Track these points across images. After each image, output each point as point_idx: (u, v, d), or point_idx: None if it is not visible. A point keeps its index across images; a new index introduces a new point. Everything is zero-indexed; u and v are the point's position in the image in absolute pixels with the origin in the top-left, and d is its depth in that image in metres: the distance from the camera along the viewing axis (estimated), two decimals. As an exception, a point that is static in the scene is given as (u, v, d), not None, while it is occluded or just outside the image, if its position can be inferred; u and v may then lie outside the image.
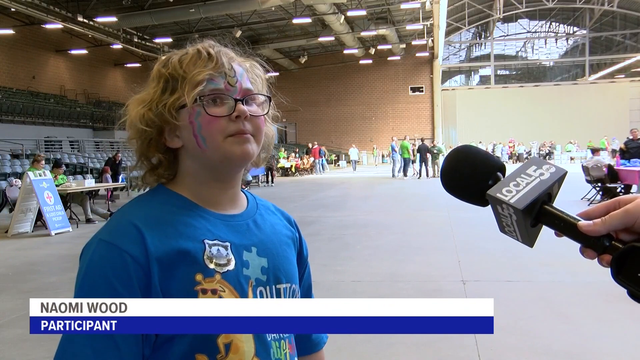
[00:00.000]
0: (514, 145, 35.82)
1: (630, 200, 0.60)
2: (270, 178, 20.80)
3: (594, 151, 12.43)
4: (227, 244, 0.85)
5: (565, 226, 0.62)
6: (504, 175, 0.67)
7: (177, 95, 0.84)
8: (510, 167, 0.64)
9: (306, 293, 1.03)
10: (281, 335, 0.88)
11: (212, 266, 0.81)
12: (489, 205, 0.66)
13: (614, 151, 23.21)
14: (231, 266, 0.83)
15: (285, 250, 0.95)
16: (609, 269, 0.59)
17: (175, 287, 0.78)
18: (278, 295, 0.89)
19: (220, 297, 0.80)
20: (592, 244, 0.61)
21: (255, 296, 0.85)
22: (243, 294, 0.83)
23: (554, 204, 0.65)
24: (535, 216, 0.64)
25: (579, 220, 0.61)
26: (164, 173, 0.89)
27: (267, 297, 0.87)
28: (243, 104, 0.85)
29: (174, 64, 0.86)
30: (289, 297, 0.92)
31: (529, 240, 0.66)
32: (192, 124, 0.84)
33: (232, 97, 0.85)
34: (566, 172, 0.66)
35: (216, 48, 0.88)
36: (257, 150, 0.88)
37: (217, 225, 0.86)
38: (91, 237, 0.83)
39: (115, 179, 14.53)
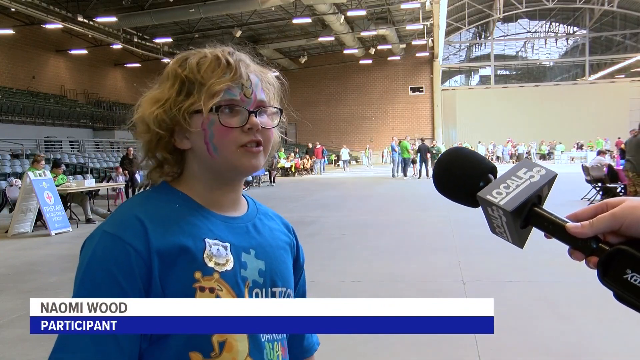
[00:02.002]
0: (516, 145, 35.76)
1: (618, 203, 0.61)
2: (271, 178, 20.81)
3: (600, 152, 12.45)
4: (227, 244, 0.86)
5: (554, 228, 0.63)
6: (495, 177, 0.68)
7: (192, 100, 0.85)
8: (500, 173, 0.65)
9: (301, 297, 1.03)
10: (275, 337, 0.89)
11: (211, 265, 0.82)
12: (480, 207, 0.66)
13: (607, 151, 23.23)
14: (229, 266, 0.84)
15: (282, 254, 0.96)
16: (596, 270, 0.60)
17: (174, 282, 0.79)
18: (273, 298, 0.90)
19: (217, 296, 0.81)
20: (580, 246, 0.62)
21: (251, 297, 0.86)
22: (240, 295, 0.84)
23: (544, 206, 0.65)
24: (525, 218, 0.64)
25: (567, 223, 0.62)
26: (170, 171, 0.90)
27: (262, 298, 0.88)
28: (256, 116, 0.86)
29: (192, 67, 0.86)
30: None
31: (519, 241, 0.66)
32: (205, 131, 0.85)
33: (246, 109, 0.86)
34: (556, 174, 0.66)
35: (235, 56, 0.88)
36: (263, 162, 0.89)
37: (218, 225, 0.87)
38: (94, 229, 0.83)
39: (132, 177, 13.67)
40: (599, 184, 10.95)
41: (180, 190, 0.89)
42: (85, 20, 23.74)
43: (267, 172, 20.63)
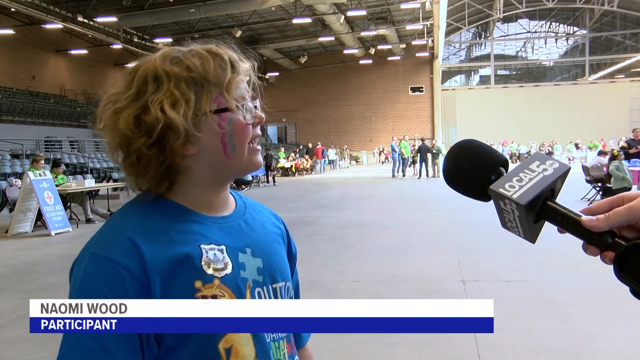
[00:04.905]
0: (516, 145, 35.73)
1: (635, 197, 0.60)
2: (272, 178, 20.80)
3: (601, 153, 12.45)
4: (223, 247, 0.84)
5: (568, 222, 0.62)
6: (507, 171, 0.67)
7: (206, 99, 0.82)
8: (511, 167, 0.64)
9: (295, 290, 1.01)
10: (279, 334, 0.88)
11: (210, 271, 0.80)
12: (491, 201, 0.65)
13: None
14: (228, 270, 0.82)
15: (277, 248, 0.95)
16: (612, 266, 0.59)
17: (176, 295, 0.77)
18: (275, 295, 0.89)
19: None
20: (595, 241, 0.60)
21: (253, 298, 0.85)
22: (241, 297, 0.83)
23: (557, 200, 0.64)
24: (538, 212, 0.63)
25: (582, 216, 0.61)
26: (173, 179, 0.84)
27: (264, 297, 0.87)
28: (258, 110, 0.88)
29: (196, 66, 0.82)
30: (285, 296, 0.92)
31: (531, 236, 0.65)
32: (224, 130, 0.83)
33: (252, 104, 0.87)
34: (569, 168, 0.65)
35: (230, 54, 0.86)
36: None
37: (210, 228, 0.85)
38: (80, 251, 0.80)
39: None
40: (599, 184, 10.94)
41: (168, 198, 0.85)
42: (85, 20, 23.69)
43: (266, 172, 20.64)
